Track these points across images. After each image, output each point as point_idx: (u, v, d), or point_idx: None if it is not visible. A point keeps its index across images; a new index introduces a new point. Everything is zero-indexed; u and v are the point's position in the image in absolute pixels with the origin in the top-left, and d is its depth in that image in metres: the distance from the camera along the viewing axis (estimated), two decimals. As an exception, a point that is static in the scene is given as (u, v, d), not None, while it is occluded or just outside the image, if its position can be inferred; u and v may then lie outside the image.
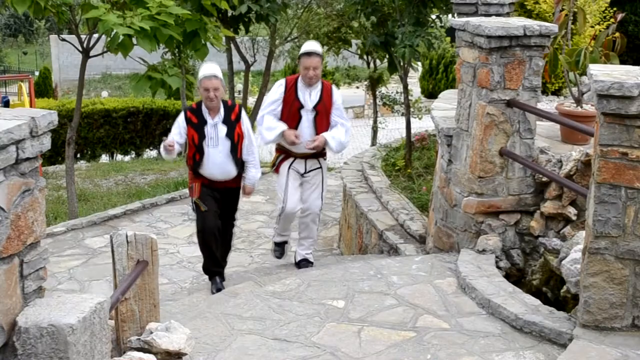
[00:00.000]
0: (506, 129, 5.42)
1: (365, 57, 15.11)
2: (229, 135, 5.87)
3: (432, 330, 4.51)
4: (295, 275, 5.73)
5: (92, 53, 9.07)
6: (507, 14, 7.23)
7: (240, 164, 6.00)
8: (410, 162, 8.62)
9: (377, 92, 16.11)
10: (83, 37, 9.24)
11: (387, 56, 9.62)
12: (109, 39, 7.61)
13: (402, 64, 9.03)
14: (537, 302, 4.67)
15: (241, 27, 10.84)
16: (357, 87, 18.80)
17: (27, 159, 2.97)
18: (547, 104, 7.60)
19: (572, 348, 4.00)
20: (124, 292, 3.88)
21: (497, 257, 5.39)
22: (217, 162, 5.86)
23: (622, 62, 6.00)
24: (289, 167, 6.23)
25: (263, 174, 10.34)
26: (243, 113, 6.00)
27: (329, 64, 23.73)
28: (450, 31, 6.82)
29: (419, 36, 8.11)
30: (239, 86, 18.73)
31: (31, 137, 2.96)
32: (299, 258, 6.52)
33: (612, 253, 4.00)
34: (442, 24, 9.93)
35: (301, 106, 6.12)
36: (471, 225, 5.58)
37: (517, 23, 5.40)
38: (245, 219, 7.97)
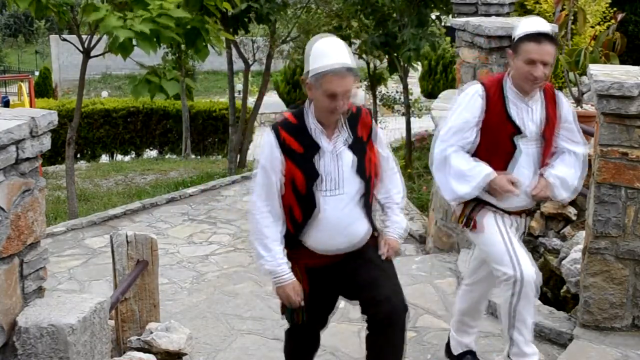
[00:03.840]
0: (506, 129, 5.41)
1: (364, 56, 15.13)
2: (360, 168, 3.28)
3: (432, 330, 4.51)
4: (295, 275, 5.73)
5: (92, 53, 9.07)
6: (507, 14, 7.24)
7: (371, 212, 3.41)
8: (410, 162, 8.63)
9: (376, 92, 16.13)
10: (84, 37, 9.25)
11: (387, 56, 9.64)
12: (110, 39, 7.62)
13: (402, 64, 9.04)
14: (537, 302, 4.67)
15: (240, 27, 10.85)
16: (358, 87, 18.83)
17: (27, 159, 2.96)
18: (547, 104, 7.59)
19: (572, 348, 4.00)
20: (124, 292, 3.88)
21: (497, 257, 5.38)
22: (339, 222, 3.25)
23: (622, 62, 6.00)
24: (496, 214, 3.69)
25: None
26: (374, 123, 3.42)
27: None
28: (450, 31, 6.81)
29: (422, 38, 8.12)
30: (238, 86, 18.75)
31: (31, 137, 2.96)
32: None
33: (612, 253, 4.00)
34: (443, 24, 9.94)
35: (516, 132, 3.60)
36: (471, 225, 5.56)
37: (517, 23, 5.40)
38: (245, 219, 7.96)
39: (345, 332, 4.49)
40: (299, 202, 3.25)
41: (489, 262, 3.73)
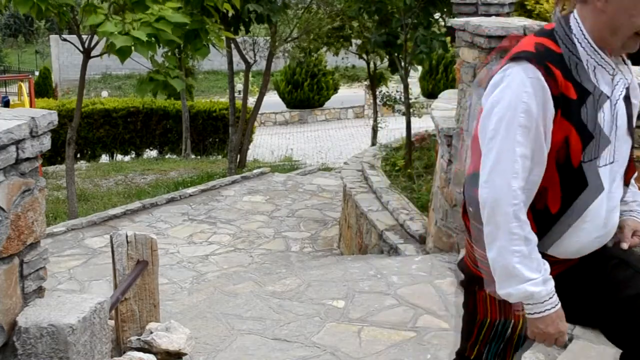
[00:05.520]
0: (506, 129, 5.41)
1: (364, 56, 15.14)
2: (632, 125, 2.17)
3: (432, 330, 4.51)
4: (295, 275, 5.74)
5: (92, 53, 9.08)
6: (507, 14, 7.24)
7: None
8: (410, 162, 8.62)
9: (377, 92, 16.15)
10: (84, 37, 9.26)
11: (388, 56, 9.64)
12: (107, 43, 7.63)
13: (404, 64, 9.03)
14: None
15: (241, 27, 10.87)
16: (360, 86, 18.95)
17: (27, 159, 2.96)
18: (547, 104, 7.60)
19: (572, 348, 4.00)
20: (124, 292, 3.88)
21: (497, 257, 5.39)
22: (607, 208, 2.10)
23: (622, 62, 6.00)
24: None
25: (263, 173, 10.34)
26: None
27: (329, 63, 23.80)
28: (451, 31, 6.81)
29: (434, 39, 8.18)
30: (239, 86, 18.76)
31: (31, 137, 2.96)
32: None
33: (612, 253, 3.98)
34: (444, 24, 9.95)
35: None
36: (471, 225, 5.57)
37: (517, 23, 5.40)
38: (245, 219, 7.96)
39: (345, 332, 4.49)
40: (565, 182, 2.03)
41: None
